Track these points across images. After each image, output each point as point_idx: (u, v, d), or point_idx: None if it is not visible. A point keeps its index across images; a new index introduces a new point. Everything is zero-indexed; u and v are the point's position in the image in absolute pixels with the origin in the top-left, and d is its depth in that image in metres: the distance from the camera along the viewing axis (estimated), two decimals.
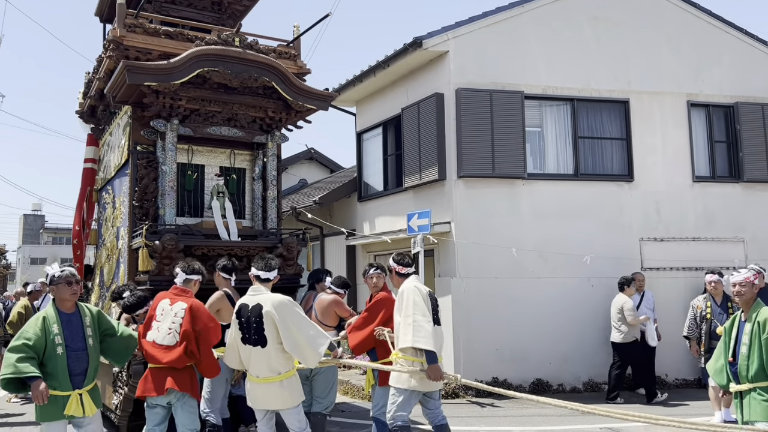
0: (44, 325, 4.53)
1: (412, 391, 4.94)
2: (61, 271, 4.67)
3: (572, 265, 9.82)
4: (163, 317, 5.00)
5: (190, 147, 7.37)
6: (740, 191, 10.91)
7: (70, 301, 4.67)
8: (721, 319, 7.47)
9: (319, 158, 19.33)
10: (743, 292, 4.79)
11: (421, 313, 4.90)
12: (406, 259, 5.36)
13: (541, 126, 10.34)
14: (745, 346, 4.66)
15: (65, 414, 4.45)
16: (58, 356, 4.47)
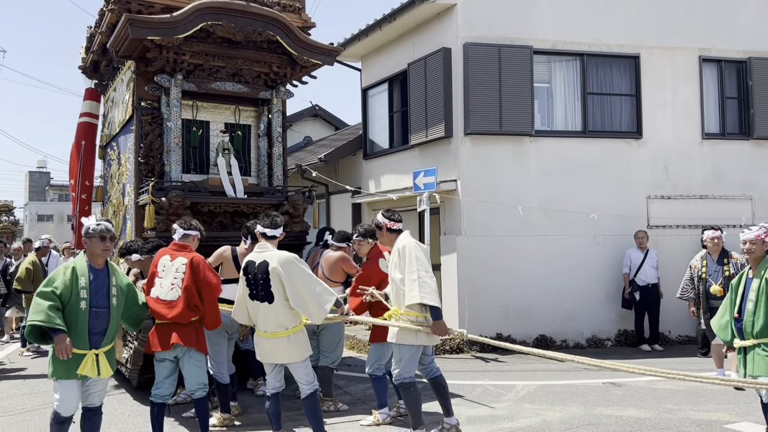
0: (73, 275, 4.34)
1: (418, 346, 4.99)
2: (96, 225, 4.51)
3: (578, 223, 9.81)
4: (165, 273, 5.04)
5: (195, 103, 7.31)
6: (750, 148, 10.79)
7: (102, 257, 4.52)
8: (716, 276, 7.32)
9: (324, 115, 19.17)
10: (753, 250, 4.82)
11: (425, 268, 4.92)
12: (396, 215, 5.31)
13: (549, 82, 10.18)
14: (752, 302, 4.70)
15: (78, 374, 4.29)
16: (80, 311, 4.30)
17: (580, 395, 6.71)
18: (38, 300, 4.24)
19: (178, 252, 5.12)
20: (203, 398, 5.07)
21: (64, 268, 4.40)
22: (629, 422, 5.66)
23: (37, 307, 4.21)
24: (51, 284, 4.30)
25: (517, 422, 5.71)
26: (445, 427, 5.16)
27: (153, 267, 5.15)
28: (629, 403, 6.36)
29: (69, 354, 4.19)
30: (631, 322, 9.83)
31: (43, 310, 4.18)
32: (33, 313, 4.21)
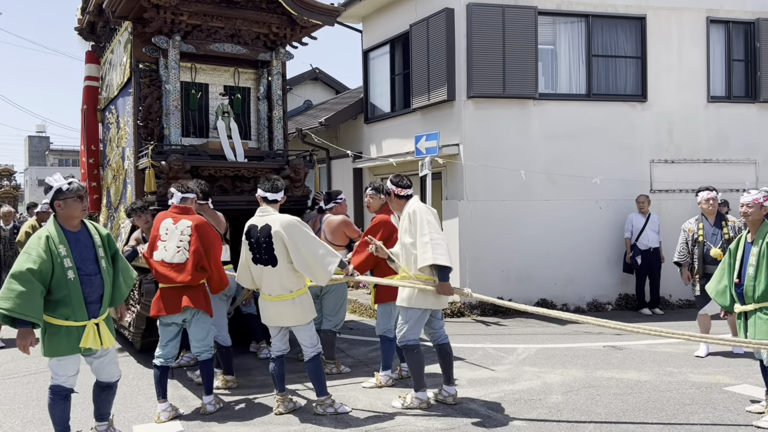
0: (48, 245, 3.90)
1: (425, 310, 4.99)
2: (68, 184, 4.06)
3: (581, 188, 9.76)
4: (169, 236, 5.02)
5: (194, 65, 7.20)
6: (755, 112, 10.67)
7: (80, 218, 4.13)
8: (714, 240, 6.81)
9: (324, 78, 18.93)
10: (749, 213, 4.81)
11: (437, 231, 4.90)
12: (405, 180, 5.23)
13: (554, 44, 10.01)
14: (753, 267, 4.69)
15: (81, 347, 3.99)
16: (69, 282, 3.92)
17: (581, 358, 6.75)
18: (11, 283, 3.80)
19: (180, 215, 5.09)
20: (209, 360, 5.11)
21: (37, 239, 3.94)
22: (629, 385, 5.71)
23: (8, 292, 3.78)
24: (25, 263, 3.84)
25: (518, 384, 5.76)
26: (443, 394, 5.19)
27: (154, 231, 5.13)
28: (629, 366, 6.41)
29: (27, 350, 3.84)
30: (632, 286, 9.86)
31: (12, 297, 3.76)
32: (2, 299, 3.77)
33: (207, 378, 5.12)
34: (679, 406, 5.08)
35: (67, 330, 3.96)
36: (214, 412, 5.02)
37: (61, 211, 4.06)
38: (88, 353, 4.10)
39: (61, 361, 4.03)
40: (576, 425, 4.65)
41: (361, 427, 4.65)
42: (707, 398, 5.27)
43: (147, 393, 5.63)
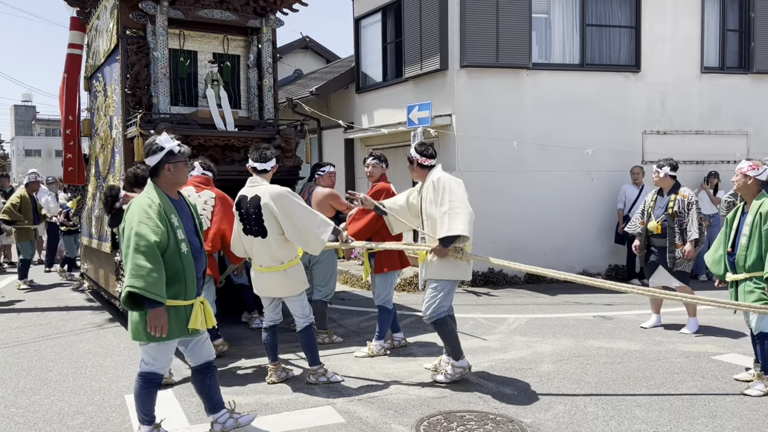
0: (161, 215, 3.51)
1: (454, 281, 4.94)
2: (179, 146, 3.67)
3: (573, 159, 9.73)
4: None
5: (182, 32, 7.05)
6: (748, 83, 10.64)
7: (183, 185, 3.80)
8: (659, 213, 6.61)
9: (315, 47, 18.67)
10: (734, 182, 4.94)
11: (459, 198, 4.72)
12: (430, 150, 5.02)
13: (548, 12, 9.89)
14: (745, 237, 4.73)
15: (189, 329, 3.63)
16: (183, 255, 3.55)
17: (571, 328, 6.81)
18: (138, 258, 3.37)
19: (203, 185, 5.28)
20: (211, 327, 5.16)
21: (147, 206, 3.50)
22: (619, 354, 5.77)
23: (137, 269, 3.35)
24: (149, 234, 3.40)
25: (509, 354, 5.80)
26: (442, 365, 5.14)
27: None
28: (619, 335, 6.47)
29: (164, 332, 3.48)
30: (622, 257, 9.92)
31: (143, 274, 3.35)
32: (133, 277, 3.35)
33: None
34: (668, 374, 5.14)
35: (176, 310, 3.57)
36: None
37: (170, 176, 3.65)
38: (193, 335, 3.72)
39: (163, 346, 3.64)
40: (567, 393, 4.70)
41: (353, 396, 4.68)
42: (696, 367, 5.34)
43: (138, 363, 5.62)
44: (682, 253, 6.41)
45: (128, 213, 3.56)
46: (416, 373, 5.23)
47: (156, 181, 3.67)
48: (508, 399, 4.60)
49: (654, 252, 6.65)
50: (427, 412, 4.35)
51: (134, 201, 3.60)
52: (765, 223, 4.61)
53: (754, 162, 4.89)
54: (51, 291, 9.65)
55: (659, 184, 6.71)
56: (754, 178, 4.79)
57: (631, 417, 4.22)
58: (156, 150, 3.63)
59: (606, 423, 4.13)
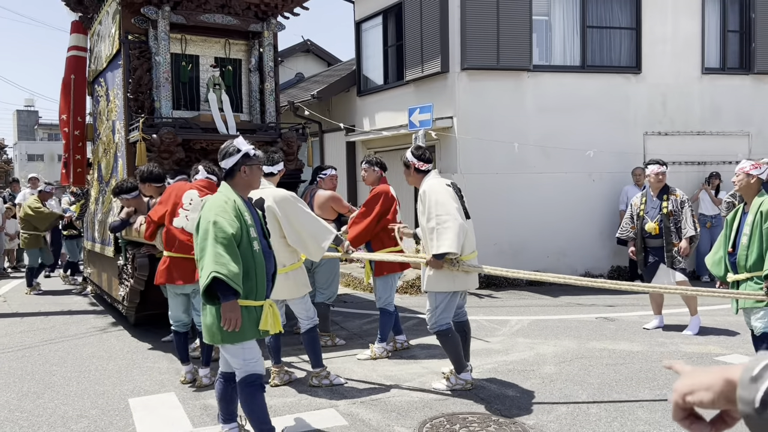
0: (236, 211, 3.51)
1: (454, 292, 4.83)
2: (253, 149, 3.71)
3: (574, 160, 9.74)
4: (192, 207, 5.09)
5: (184, 36, 7.08)
6: (749, 83, 10.64)
7: (255, 188, 3.80)
8: (653, 214, 6.59)
9: (316, 51, 18.70)
10: (735, 182, 4.89)
11: (445, 211, 4.62)
12: (426, 153, 4.94)
13: (548, 14, 9.90)
14: (746, 236, 4.68)
15: (261, 330, 3.57)
16: (255, 253, 3.52)
17: (573, 330, 6.81)
18: (217, 247, 3.35)
19: (206, 189, 5.20)
20: None
21: (223, 203, 3.51)
22: (622, 355, 5.77)
23: (218, 257, 3.32)
24: (227, 226, 3.40)
25: (512, 356, 5.81)
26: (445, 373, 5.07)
27: (176, 198, 5.17)
28: (622, 337, 6.47)
29: (237, 326, 3.41)
30: (624, 258, 9.90)
31: (224, 262, 3.31)
32: (216, 264, 3.31)
33: (207, 350, 5.17)
34: (671, 376, 5.13)
35: (248, 310, 3.51)
36: (209, 384, 5.05)
37: (245, 178, 3.66)
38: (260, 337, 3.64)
39: (246, 346, 3.56)
40: (569, 395, 4.70)
41: (356, 399, 4.69)
42: None
43: (142, 366, 5.64)
44: (679, 251, 6.46)
45: (204, 209, 3.56)
46: (419, 375, 5.24)
47: (230, 182, 3.67)
48: (510, 401, 4.60)
49: (651, 253, 6.65)
50: (429, 414, 4.36)
51: (209, 199, 3.64)
52: (766, 222, 4.59)
53: (756, 161, 4.88)
54: (54, 296, 9.67)
55: (659, 186, 6.67)
56: (757, 177, 4.77)
57: (634, 418, 4.23)
58: (233, 152, 3.65)
59: (609, 424, 4.13)
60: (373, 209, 5.73)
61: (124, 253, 6.56)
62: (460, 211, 4.68)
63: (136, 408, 4.60)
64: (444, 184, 4.79)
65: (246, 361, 3.57)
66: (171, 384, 5.13)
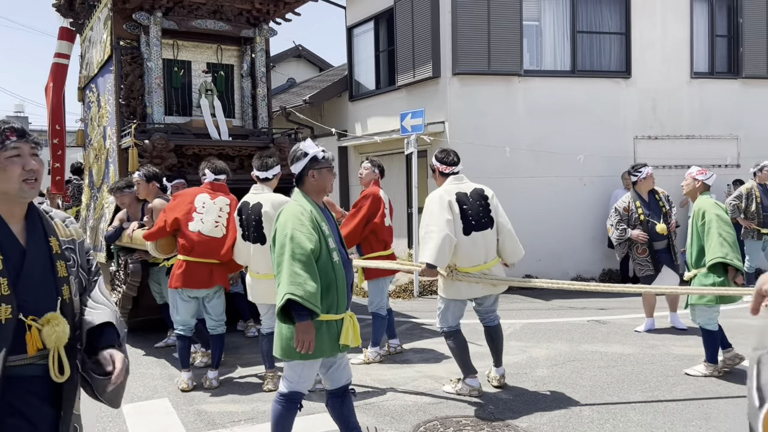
0: (313, 221, 3.29)
1: (455, 300, 4.86)
2: (323, 151, 3.47)
3: (565, 164, 9.80)
4: (206, 210, 5.13)
5: (176, 42, 7.10)
6: (738, 88, 10.75)
7: (327, 192, 3.59)
8: (658, 214, 6.58)
9: (308, 56, 18.74)
10: (683, 185, 5.37)
11: (434, 222, 4.66)
12: (451, 156, 4.90)
13: (539, 20, 9.98)
14: (689, 236, 5.13)
15: (341, 344, 3.33)
16: (335, 265, 3.30)
17: (566, 333, 6.84)
18: (294, 266, 3.14)
19: (217, 192, 5.24)
20: (222, 335, 5.28)
21: (299, 213, 3.29)
22: (614, 358, 5.80)
23: (295, 277, 3.12)
24: (305, 242, 3.19)
25: (505, 359, 5.80)
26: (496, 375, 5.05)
27: (188, 204, 5.18)
28: (614, 339, 6.51)
29: (311, 349, 3.17)
30: (615, 261, 9.97)
31: (301, 282, 3.11)
32: (292, 284, 3.10)
33: (219, 353, 5.25)
34: (662, 378, 5.18)
35: (328, 325, 3.29)
36: (219, 386, 5.10)
37: (315, 182, 3.43)
38: (339, 352, 3.40)
39: (310, 364, 3.36)
40: (562, 398, 4.73)
41: None
42: None
43: (135, 372, 5.62)
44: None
45: (280, 219, 3.37)
46: (412, 379, 5.25)
47: (301, 188, 3.46)
48: (503, 404, 4.62)
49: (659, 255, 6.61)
50: (423, 417, 4.37)
51: (286, 208, 3.42)
52: (700, 220, 5.03)
53: (702, 168, 5.38)
54: None
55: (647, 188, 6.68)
56: (702, 182, 5.22)
57: (626, 420, 4.26)
58: (300, 156, 3.44)
59: (601, 426, 4.16)
60: (360, 211, 5.75)
61: (116, 259, 6.54)
62: (451, 223, 4.62)
63: (130, 414, 4.58)
64: (452, 193, 4.76)
65: (301, 378, 3.40)
66: (164, 390, 5.12)
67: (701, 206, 5.13)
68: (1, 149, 2.03)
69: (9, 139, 2.03)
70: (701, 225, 5.03)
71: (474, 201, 4.79)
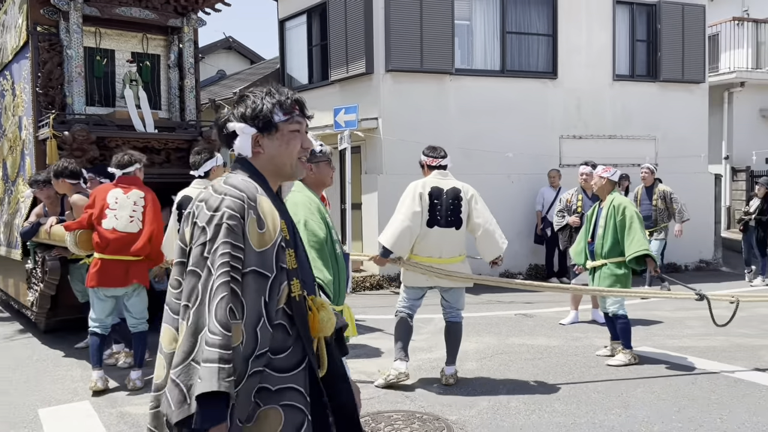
0: (320, 212, 3.31)
1: (409, 287, 5.02)
2: (320, 145, 3.52)
3: (494, 162, 10.01)
4: (119, 206, 4.90)
5: (98, 30, 6.81)
6: (656, 91, 11.27)
7: (326, 186, 3.58)
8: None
9: (239, 48, 18.40)
10: (594, 184, 5.75)
11: (401, 211, 4.88)
12: (437, 151, 5.11)
13: (470, 19, 10.14)
14: (602, 228, 5.53)
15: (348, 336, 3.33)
16: (338, 257, 3.33)
17: (494, 326, 7.00)
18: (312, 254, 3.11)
19: (130, 186, 5.01)
20: (145, 332, 5.07)
21: (308, 203, 3.31)
22: (539, 350, 5.98)
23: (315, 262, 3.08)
24: (319, 230, 3.20)
25: (435, 353, 5.90)
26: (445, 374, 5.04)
27: (100, 201, 4.94)
28: (539, 332, 6.71)
29: None
30: (541, 257, 10.28)
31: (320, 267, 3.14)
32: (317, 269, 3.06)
33: (142, 352, 5.06)
34: (585, 368, 5.38)
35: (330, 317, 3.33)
36: (143, 387, 4.92)
37: (313, 176, 3.46)
38: None
39: None
40: (490, 390, 4.83)
41: None
42: None
43: (53, 375, 5.37)
44: None
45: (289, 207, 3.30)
46: None
47: (303, 181, 3.44)
48: (434, 398, 4.68)
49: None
50: None
51: (290, 198, 3.36)
52: (618, 215, 5.39)
53: (606, 166, 5.77)
54: None
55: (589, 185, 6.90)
56: (608, 179, 5.57)
57: (551, 410, 4.39)
58: None
59: (527, 417, 4.28)
60: None
61: (33, 256, 6.21)
62: (417, 216, 4.81)
63: (47, 419, 4.37)
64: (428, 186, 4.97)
65: None
66: (85, 392, 4.90)
67: (621, 202, 5.50)
68: (287, 120, 1.92)
69: (294, 111, 1.92)
70: (620, 220, 5.39)
71: (447, 198, 4.93)
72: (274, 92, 1.92)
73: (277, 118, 1.88)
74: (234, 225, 1.72)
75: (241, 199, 1.76)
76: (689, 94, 11.54)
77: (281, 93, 1.92)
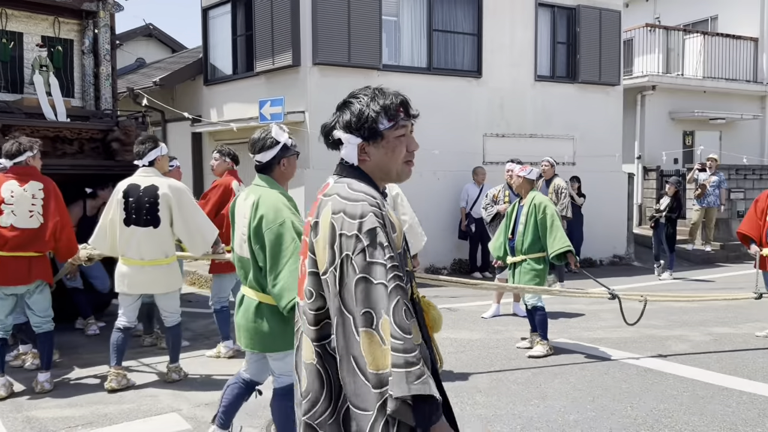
0: (296, 209, 3.25)
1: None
2: (290, 137, 3.41)
3: (421, 159, 9.96)
4: (16, 201, 4.57)
5: (4, 10, 6.40)
6: (574, 92, 11.69)
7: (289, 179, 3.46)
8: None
9: (159, 36, 17.70)
10: (513, 183, 6.04)
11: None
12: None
13: (397, 15, 10.17)
14: (522, 225, 5.72)
15: None
16: None
17: None
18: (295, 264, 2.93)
19: (26, 177, 4.63)
20: (51, 333, 4.80)
21: (285, 202, 3.20)
22: (462, 343, 6.10)
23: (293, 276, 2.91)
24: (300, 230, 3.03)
25: None
26: None
27: None
28: (462, 326, 6.84)
29: None
30: (465, 251, 10.48)
31: None
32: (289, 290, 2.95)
33: (48, 353, 4.79)
34: (506, 360, 5.52)
35: None
36: (52, 389, 4.67)
37: (284, 170, 3.36)
38: None
39: (287, 357, 3.25)
40: None
41: (200, 401, 4.52)
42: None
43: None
44: None
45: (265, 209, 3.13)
46: None
47: (270, 175, 3.32)
48: None
49: None
50: None
51: (266, 197, 3.20)
52: (539, 213, 5.60)
53: (523, 165, 5.99)
54: None
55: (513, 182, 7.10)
56: (525, 178, 5.79)
57: (473, 402, 4.48)
58: (271, 145, 3.31)
59: None
60: (209, 202, 5.58)
61: None
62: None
63: None
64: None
65: (290, 370, 3.24)
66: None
67: (541, 201, 5.70)
68: (392, 127, 1.92)
69: (399, 115, 1.90)
70: (542, 218, 5.58)
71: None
72: (379, 96, 1.93)
73: (382, 126, 1.90)
74: (383, 226, 1.78)
75: (375, 204, 1.82)
76: (605, 95, 12.04)
77: (386, 96, 1.94)
